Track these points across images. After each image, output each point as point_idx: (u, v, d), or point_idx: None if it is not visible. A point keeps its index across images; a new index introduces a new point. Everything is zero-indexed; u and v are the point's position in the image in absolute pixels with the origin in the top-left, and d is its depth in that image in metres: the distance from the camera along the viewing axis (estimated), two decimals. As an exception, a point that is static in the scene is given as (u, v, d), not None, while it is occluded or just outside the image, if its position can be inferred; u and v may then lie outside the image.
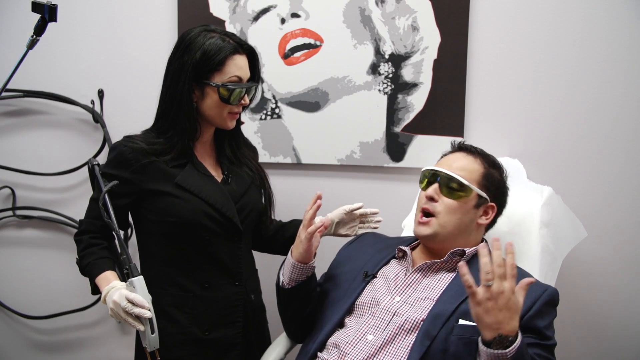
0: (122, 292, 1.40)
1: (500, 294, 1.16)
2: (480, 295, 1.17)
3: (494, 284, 1.17)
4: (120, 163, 1.56)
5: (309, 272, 1.53)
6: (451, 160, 1.54)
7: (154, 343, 1.40)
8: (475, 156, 1.54)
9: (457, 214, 1.47)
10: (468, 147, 1.57)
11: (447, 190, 1.48)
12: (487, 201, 1.50)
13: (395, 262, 1.56)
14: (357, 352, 1.39)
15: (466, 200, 1.47)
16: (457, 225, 1.47)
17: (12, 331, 2.37)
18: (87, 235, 1.59)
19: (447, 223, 1.47)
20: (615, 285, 2.03)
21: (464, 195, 1.47)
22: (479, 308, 1.18)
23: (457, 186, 1.47)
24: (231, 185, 1.66)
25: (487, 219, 1.51)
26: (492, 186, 1.51)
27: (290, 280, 1.53)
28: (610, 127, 1.97)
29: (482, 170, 1.52)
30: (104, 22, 2.16)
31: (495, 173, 1.54)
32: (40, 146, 2.25)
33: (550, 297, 1.39)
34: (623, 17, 1.91)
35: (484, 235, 1.57)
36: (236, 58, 1.56)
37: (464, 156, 1.54)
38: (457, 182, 1.47)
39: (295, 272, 1.52)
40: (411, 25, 2.02)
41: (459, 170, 1.49)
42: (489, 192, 1.50)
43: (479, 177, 1.50)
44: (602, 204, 2.00)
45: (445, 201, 1.47)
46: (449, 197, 1.47)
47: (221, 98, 1.56)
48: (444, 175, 1.49)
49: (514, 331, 1.18)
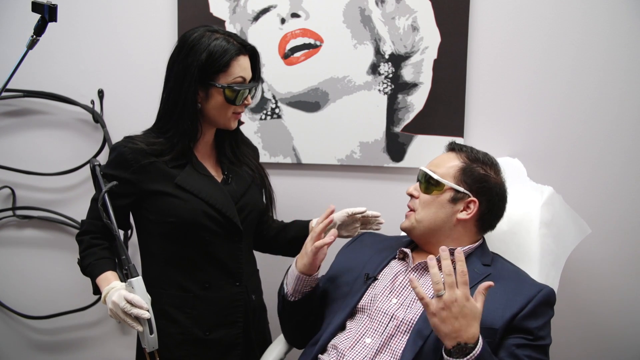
0: (121, 292, 1.40)
1: (453, 302, 1.20)
2: (433, 307, 1.21)
3: (445, 294, 1.20)
4: (120, 164, 1.56)
5: (313, 283, 1.53)
6: (437, 159, 1.58)
7: (152, 343, 1.40)
8: (458, 153, 1.56)
9: (431, 208, 1.51)
10: (455, 146, 1.60)
11: (425, 186, 1.54)
12: (467, 196, 1.50)
13: (395, 263, 1.55)
14: (355, 354, 1.39)
15: (439, 194, 1.51)
16: (433, 219, 1.51)
17: (12, 331, 2.37)
18: (89, 236, 1.59)
19: (423, 217, 1.51)
20: (616, 285, 2.03)
21: (437, 189, 1.51)
22: (434, 318, 1.21)
23: (432, 181, 1.52)
24: (231, 185, 1.66)
25: (469, 214, 1.50)
26: (471, 180, 1.50)
27: (295, 292, 1.53)
28: (611, 127, 1.97)
29: (461, 165, 1.53)
30: (104, 22, 2.16)
31: (478, 168, 1.52)
32: (40, 146, 2.25)
33: (546, 297, 1.38)
34: (623, 17, 1.91)
35: (483, 235, 1.57)
36: (240, 59, 1.57)
37: (448, 155, 1.58)
38: (430, 178, 1.52)
39: (299, 283, 1.52)
40: (411, 25, 2.02)
41: (433, 167, 1.55)
42: (467, 187, 1.50)
43: (455, 172, 1.52)
44: (603, 204, 2.00)
45: (422, 197, 1.53)
46: (425, 192, 1.53)
47: (227, 99, 1.56)
48: (421, 172, 1.56)
49: (473, 338, 1.20)
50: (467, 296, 1.21)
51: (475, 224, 1.52)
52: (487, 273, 1.44)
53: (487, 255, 1.51)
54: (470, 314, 1.20)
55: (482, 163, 1.54)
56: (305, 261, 1.49)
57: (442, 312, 1.20)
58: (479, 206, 1.50)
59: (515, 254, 1.65)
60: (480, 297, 1.23)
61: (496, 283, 1.41)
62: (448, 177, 1.51)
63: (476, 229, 1.53)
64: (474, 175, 1.51)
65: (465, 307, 1.20)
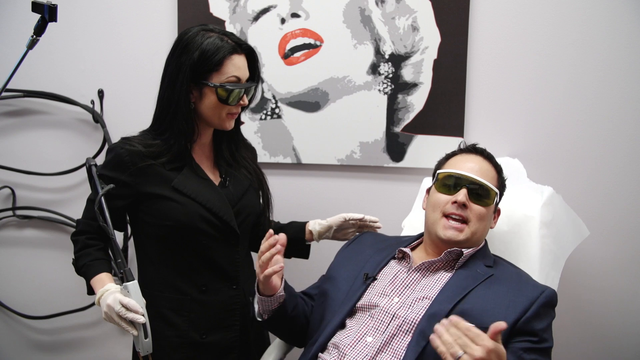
0: (116, 296, 1.40)
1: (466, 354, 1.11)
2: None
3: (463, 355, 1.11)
4: (117, 165, 1.55)
5: (279, 299, 1.48)
6: (470, 164, 1.52)
7: (147, 348, 1.39)
8: (489, 161, 1.56)
9: (484, 221, 1.49)
10: (482, 151, 1.57)
11: (475, 197, 1.47)
12: (497, 204, 1.54)
13: (394, 263, 1.55)
14: (356, 353, 1.39)
15: (491, 206, 1.50)
16: (483, 232, 1.50)
17: (12, 331, 2.37)
18: (84, 236, 1.58)
19: (477, 230, 1.48)
20: (616, 285, 2.03)
21: (490, 202, 1.49)
22: None
23: (484, 193, 1.48)
24: (228, 189, 1.64)
25: (495, 223, 1.55)
26: (502, 190, 1.56)
27: (264, 312, 1.50)
28: (611, 127, 1.97)
29: (496, 175, 1.55)
30: (104, 22, 2.16)
31: (502, 177, 1.57)
32: (40, 146, 2.25)
33: (548, 298, 1.39)
34: (623, 17, 1.91)
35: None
36: (234, 58, 1.54)
37: (481, 160, 1.54)
38: (485, 189, 1.47)
39: (264, 304, 1.48)
40: (411, 25, 2.02)
41: (484, 177, 1.49)
42: (500, 198, 1.55)
43: (496, 183, 1.53)
44: (603, 204, 2.00)
45: (475, 208, 1.47)
46: (477, 203, 1.47)
47: (219, 99, 1.54)
48: (473, 180, 1.48)
49: None
50: (490, 347, 1.11)
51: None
52: (489, 274, 1.44)
53: (489, 257, 1.52)
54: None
55: (502, 172, 1.57)
56: (261, 287, 1.45)
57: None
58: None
59: (515, 255, 1.65)
60: (498, 338, 1.14)
61: (498, 284, 1.42)
62: (496, 191, 1.51)
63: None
64: (504, 185, 1.56)
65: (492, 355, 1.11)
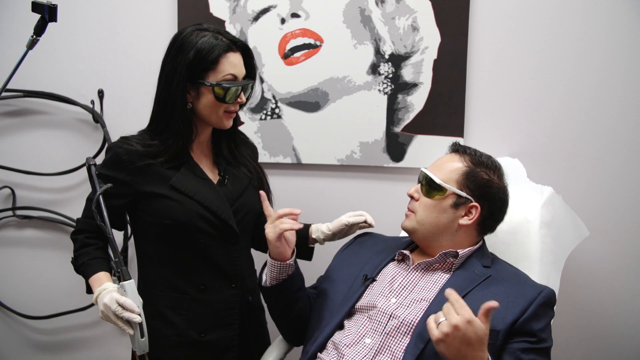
0: (112, 295, 1.40)
1: (454, 328, 1.13)
2: (435, 335, 1.16)
3: (444, 322, 1.15)
4: (115, 164, 1.55)
5: (289, 270, 1.53)
6: (439, 161, 1.56)
7: (143, 347, 1.40)
8: (462, 155, 1.54)
9: (433, 212, 1.49)
10: (458, 148, 1.57)
11: (426, 190, 1.51)
12: (470, 201, 1.48)
13: (393, 264, 1.55)
14: (355, 354, 1.39)
15: (441, 199, 1.49)
16: (434, 224, 1.49)
17: (12, 331, 2.37)
18: (83, 235, 1.59)
19: (424, 220, 1.50)
20: (616, 285, 2.03)
21: (439, 194, 1.49)
22: (439, 346, 1.16)
23: (435, 185, 1.50)
24: (227, 187, 1.64)
25: (470, 220, 1.48)
26: (474, 185, 1.49)
27: (272, 279, 1.54)
28: (611, 127, 1.97)
29: (465, 169, 1.50)
30: (104, 22, 2.16)
31: (481, 173, 1.50)
32: (40, 146, 2.25)
33: (546, 298, 1.38)
34: (623, 17, 1.91)
35: (482, 237, 1.56)
36: (230, 56, 1.54)
37: (451, 157, 1.55)
38: (432, 181, 1.50)
39: (274, 270, 1.52)
40: (411, 25, 2.02)
41: (436, 170, 1.52)
42: (470, 192, 1.49)
43: (458, 177, 1.50)
44: (603, 204, 2.00)
45: (422, 200, 1.52)
46: (426, 196, 1.51)
47: (216, 97, 1.54)
48: (422, 174, 1.54)
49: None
50: (469, 319, 1.14)
51: (476, 228, 1.52)
52: (487, 275, 1.44)
53: (487, 257, 1.51)
54: (474, 337, 1.14)
55: (485, 167, 1.51)
56: (271, 248, 1.50)
57: (446, 339, 1.14)
58: (481, 211, 1.49)
59: (515, 255, 1.65)
60: (484, 319, 1.16)
61: (496, 284, 1.41)
62: (451, 182, 1.49)
63: (477, 233, 1.53)
64: (477, 180, 1.49)
65: (468, 331, 1.13)
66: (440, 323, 1.16)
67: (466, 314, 1.14)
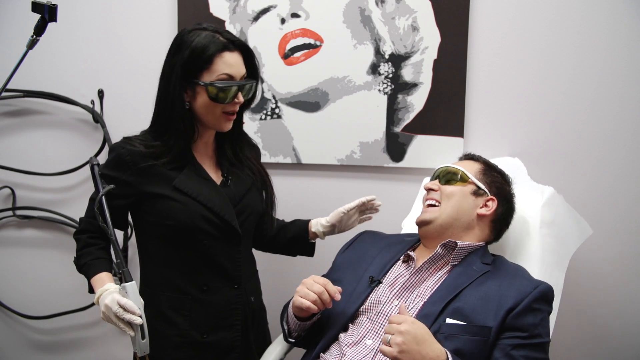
0: (114, 296, 1.40)
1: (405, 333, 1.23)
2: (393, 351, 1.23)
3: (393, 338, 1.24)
4: (118, 165, 1.55)
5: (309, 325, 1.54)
6: (454, 163, 1.63)
7: (144, 348, 1.40)
8: (476, 160, 1.64)
9: (454, 197, 1.54)
10: (472, 155, 1.67)
11: (445, 180, 1.57)
12: (487, 194, 1.55)
13: (398, 265, 1.55)
14: (355, 354, 1.39)
15: (463, 186, 1.55)
16: (455, 208, 1.52)
17: (12, 331, 2.37)
18: (86, 235, 1.59)
19: (446, 205, 1.53)
20: (618, 284, 2.03)
21: (461, 182, 1.55)
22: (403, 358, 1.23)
23: (454, 175, 1.56)
24: (230, 188, 1.63)
25: (489, 210, 1.53)
26: (490, 182, 1.57)
27: (295, 331, 1.55)
28: (611, 126, 1.97)
29: (482, 167, 1.60)
30: (104, 22, 2.16)
31: (495, 175, 1.60)
32: (40, 146, 2.25)
33: (542, 293, 1.36)
34: (623, 17, 1.91)
35: (493, 237, 1.57)
36: (225, 55, 1.51)
37: (464, 161, 1.65)
38: (453, 172, 1.56)
39: (300, 327, 1.53)
40: (411, 25, 2.02)
41: (456, 165, 1.59)
42: (487, 187, 1.56)
43: (476, 172, 1.58)
44: (604, 203, 2.00)
45: (443, 188, 1.56)
46: (446, 184, 1.56)
47: (210, 97, 1.51)
48: (443, 169, 1.60)
49: (442, 354, 1.26)
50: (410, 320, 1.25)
51: (489, 225, 1.55)
52: (485, 270, 1.44)
53: (488, 256, 1.51)
54: (424, 333, 1.25)
55: (498, 172, 1.62)
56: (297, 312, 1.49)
57: (404, 348, 1.22)
58: (497, 206, 1.54)
59: (516, 254, 1.65)
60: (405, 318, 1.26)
61: (492, 280, 1.41)
62: (471, 174, 1.57)
63: (489, 230, 1.56)
64: (494, 179, 1.59)
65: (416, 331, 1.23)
66: (390, 339, 1.23)
67: (406, 318, 1.26)
